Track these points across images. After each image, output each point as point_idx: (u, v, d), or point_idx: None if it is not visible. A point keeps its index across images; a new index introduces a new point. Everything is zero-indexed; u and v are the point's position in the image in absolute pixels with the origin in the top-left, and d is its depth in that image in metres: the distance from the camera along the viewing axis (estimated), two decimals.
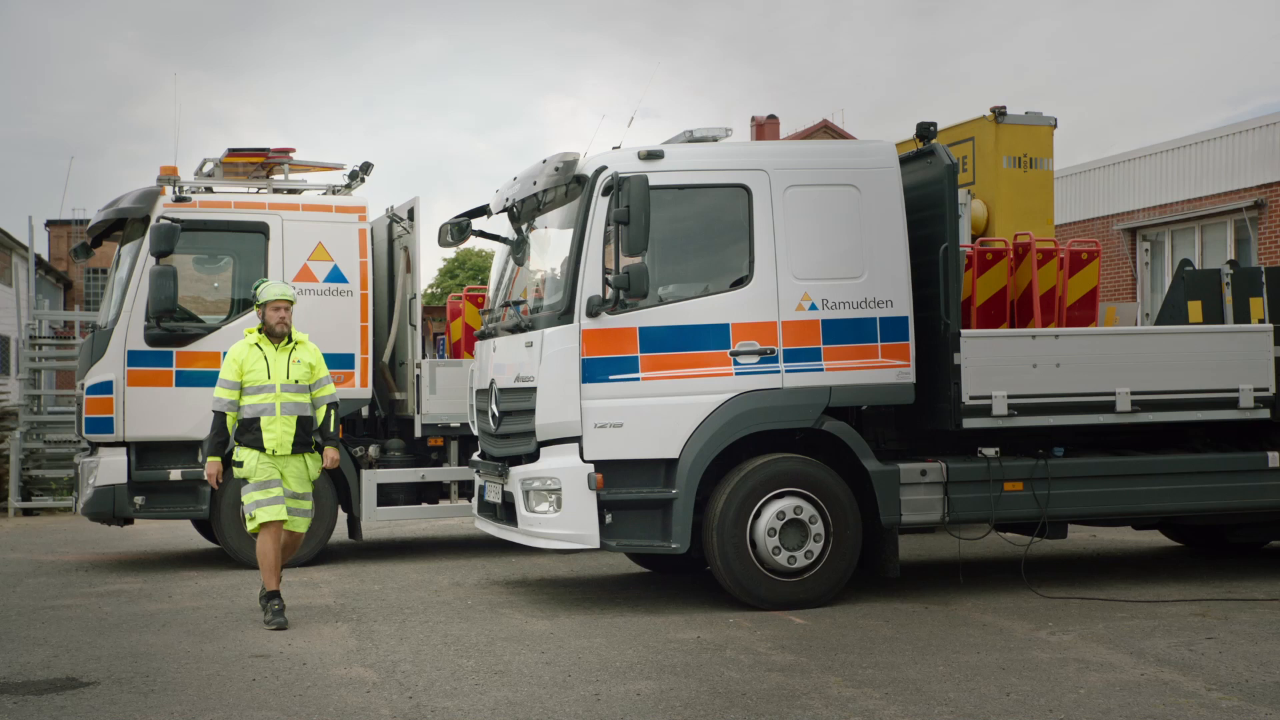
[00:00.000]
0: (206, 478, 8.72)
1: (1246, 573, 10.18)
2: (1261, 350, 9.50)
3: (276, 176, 12.10)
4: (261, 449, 8.49)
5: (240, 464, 8.54)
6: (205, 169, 12.06)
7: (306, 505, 8.77)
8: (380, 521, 11.98)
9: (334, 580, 10.55)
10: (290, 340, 8.74)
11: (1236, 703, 6.12)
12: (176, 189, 11.43)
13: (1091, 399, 9.19)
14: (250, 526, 8.58)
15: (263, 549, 8.54)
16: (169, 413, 11.13)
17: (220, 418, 8.59)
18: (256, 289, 8.85)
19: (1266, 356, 9.49)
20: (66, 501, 16.71)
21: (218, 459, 8.62)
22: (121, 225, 11.94)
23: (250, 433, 8.53)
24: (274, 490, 8.49)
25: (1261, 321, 10.16)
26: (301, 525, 8.78)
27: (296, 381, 8.63)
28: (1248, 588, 9.44)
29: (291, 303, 8.79)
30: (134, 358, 11.16)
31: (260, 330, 8.75)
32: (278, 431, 8.52)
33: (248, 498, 8.54)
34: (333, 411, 8.85)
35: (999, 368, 9.03)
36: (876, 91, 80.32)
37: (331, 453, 8.83)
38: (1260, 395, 9.43)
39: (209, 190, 11.80)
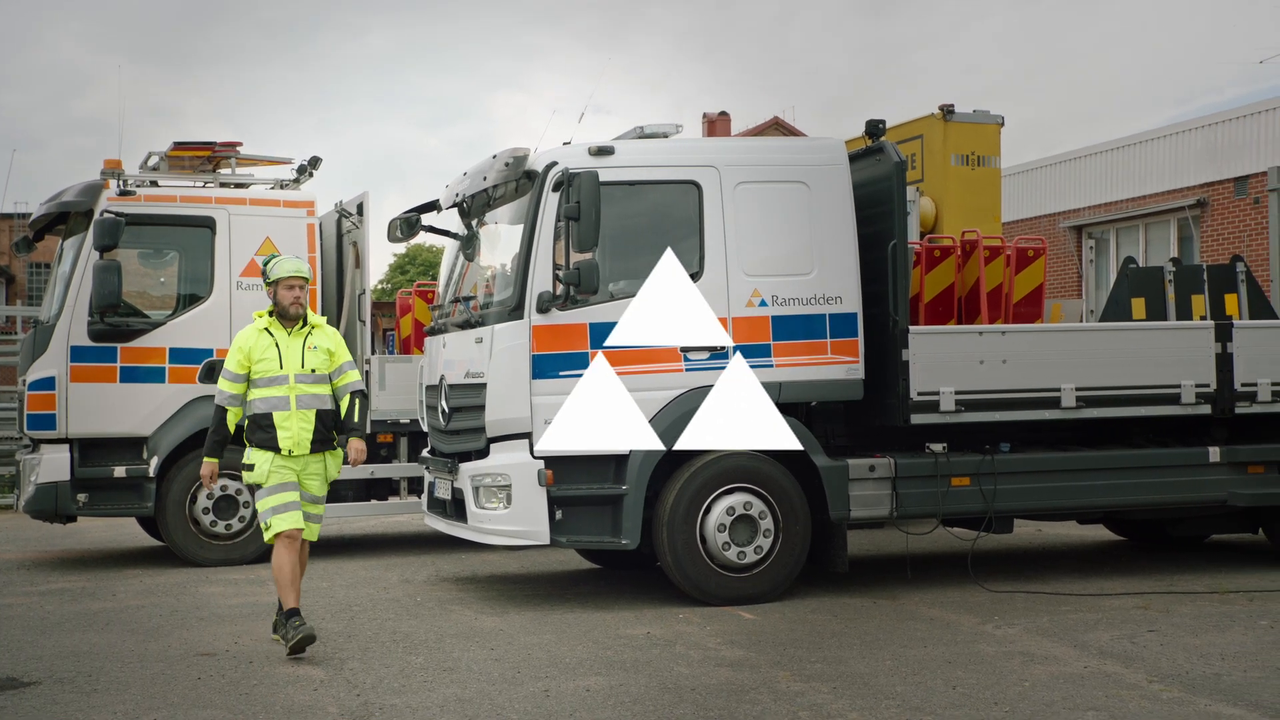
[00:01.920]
0: (202, 480, 7.68)
1: (1187, 566, 10.34)
2: (1203, 347, 9.65)
3: (223, 170, 11.97)
4: (276, 449, 7.39)
5: (251, 467, 7.44)
6: (150, 162, 11.92)
7: (321, 510, 7.72)
8: (328, 518, 11.87)
9: None
10: (305, 324, 7.61)
11: (1177, 694, 6.22)
12: (121, 182, 11.29)
13: (1037, 395, 9.29)
14: (266, 537, 7.48)
15: (278, 562, 7.41)
16: (113, 409, 11.00)
17: (221, 413, 7.56)
18: (267, 265, 7.70)
19: (1207, 353, 9.63)
20: (8, 499, 16.45)
21: (215, 460, 7.61)
22: (64, 219, 11.77)
23: (262, 431, 7.42)
24: (290, 495, 7.41)
25: (1203, 318, 10.33)
26: (314, 532, 7.67)
27: (314, 371, 7.49)
28: (1188, 581, 9.59)
29: (307, 280, 7.65)
30: (77, 353, 11.01)
31: (270, 313, 7.63)
32: (294, 429, 7.42)
33: (261, 505, 7.44)
34: (358, 401, 7.65)
35: (947, 364, 9.11)
36: (828, 89, 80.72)
37: (356, 444, 7.57)
38: (1201, 391, 9.58)
39: (154, 184, 11.66)
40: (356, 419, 7.59)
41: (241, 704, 6.27)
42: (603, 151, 8.74)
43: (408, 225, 9.94)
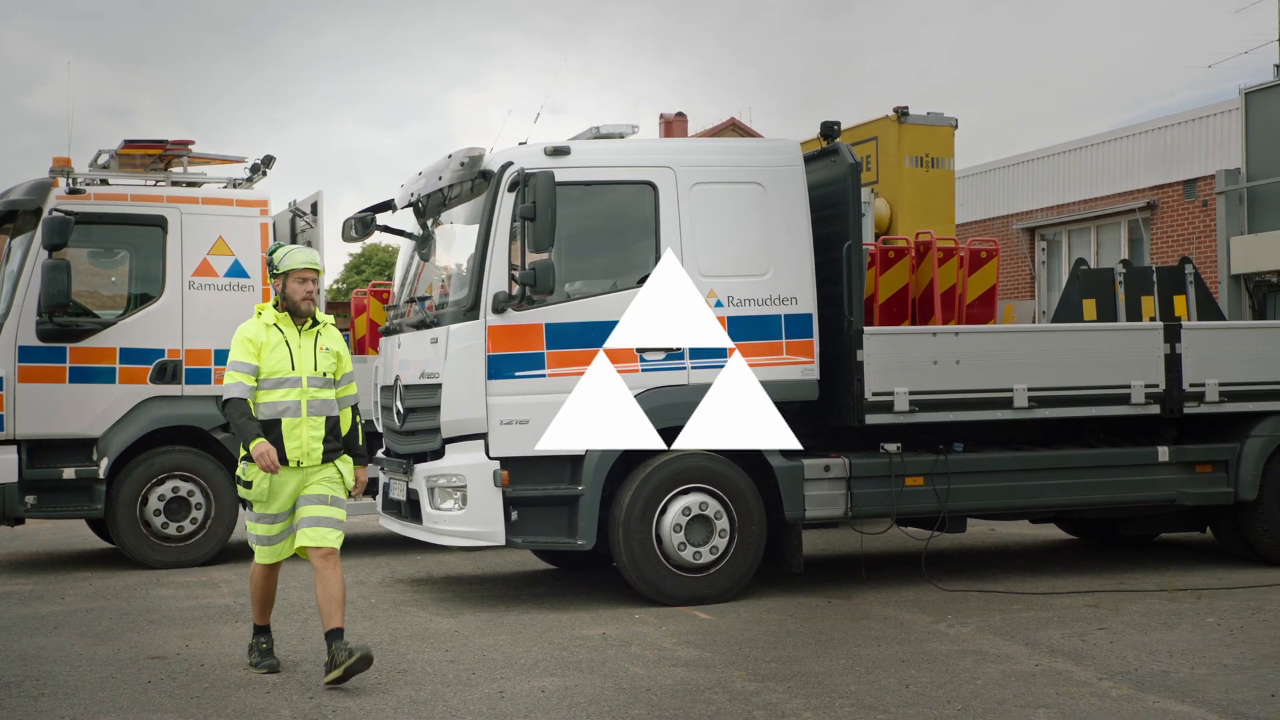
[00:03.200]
0: (266, 466, 6.59)
1: (1137, 564, 10.47)
2: (1152, 347, 9.77)
3: (175, 169, 11.85)
4: (284, 461, 6.65)
5: (249, 485, 6.72)
6: (101, 161, 11.78)
7: (338, 514, 6.80)
8: None
9: (235, 580, 10.37)
10: (315, 323, 6.89)
11: (1126, 691, 6.30)
12: (70, 181, 11.15)
13: (990, 395, 9.37)
14: (256, 555, 6.95)
15: (258, 580, 6.95)
16: (62, 410, 10.86)
17: (242, 402, 6.65)
18: (274, 255, 6.90)
19: (1157, 353, 9.76)
20: None
21: (264, 440, 6.59)
22: (12, 218, 11.59)
23: (267, 439, 6.66)
24: (276, 528, 6.78)
25: (1152, 319, 10.46)
26: (334, 539, 6.73)
27: (324, 374, 6.78)
28: (1138, 579, 9.71)
29: (319, 273, 6.92)
30: (25, 353, 10.85)
31: (277, 307, 6.83)
32: (304, 438, 6.66)
33: (251, 527, 6.87)
34: (357, 416, 7.00)
35: (901, 364, 9.18)
36: (785, 90, 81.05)
37: (361, 474, 6.97)
38: (1151, 391, 9.70)
39: (104, 182, 11.53)
40: (360, 441, 6.99)
41: (193, 707, 6.21)
42: (559, 152, 8.73)
43: (362, 225, 9.88)
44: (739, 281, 8.98)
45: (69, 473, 10.90)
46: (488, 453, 8.51)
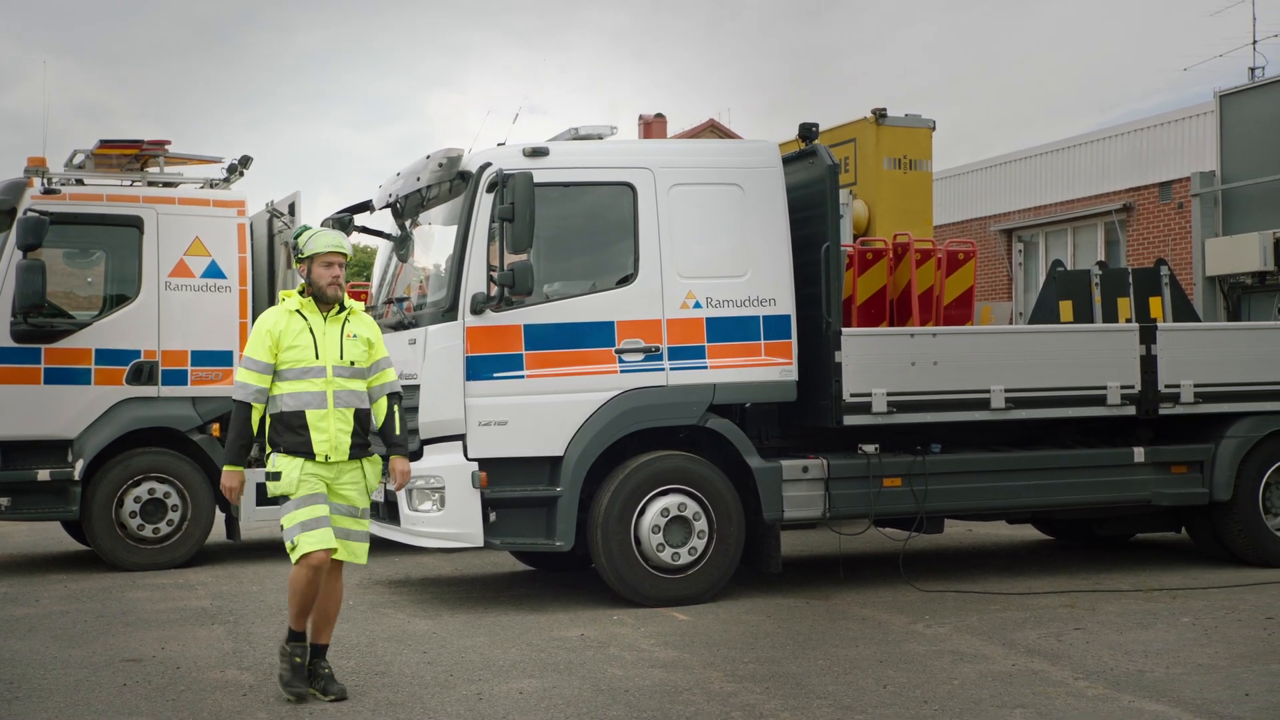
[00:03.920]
0: (225, 492, 6.43)
1: (1113, 565, 10.52)
2: (1128, 349, 9.82)
3: (151, 169, 11.79)
4: (310, 455, 6.22)
5: (277, 476, 6.26)
6: (76, 160, 11.71)
7: (366, 525, 6.52)
8: (259, 521, 11.71)
9: (211, 582, 10.33)
10: (342, 308, 6.48)
11: (1102, 691, 6.33)
12: (45, 180, 11.10)
13: (967, 396, 9.40)
14: (293, 557, 6.27)
15: (299, 585, 6.24)
16: (37, 411, 10.79)
17: (243, 411, 6.31)
18: (299, 238, 6.54)
19: (1133, 355, 9.81)
20: None
21: (239, 469, 6.39)
22: None
23: (291, 433, 6.24)
24: (320, 509, 6.23)
25: (1128, 321, 10.51)
26: (363, 553, 6.48)
27: (353, 363, 6.37)
28: (1114, 579, 9.76)
29: (347, 257, 6.51)
30: (0, 354, 10.78)
31: (302, 293, 6.46)
32: (331, 431, 6.25)
33: (287, 520, 6.25)
34: (396, 406, 6.57)
35: (879, 366, 9.19)
36: (763, 91, 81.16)
37: (402, 464, 6.56)
38: (1127, 392, 9.75)
39: (80, 182, 11.47)
40: (398, 430, 6.53)
41: (168, 711, 6.18)
42: (537, 152, 8.72)
43: (340, 225, 9.84)
44: (717, 283, 8.99)
45: (44, 474, 10.82)
46: (466, 454, 8.49)
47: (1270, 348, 10.25)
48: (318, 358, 6.29)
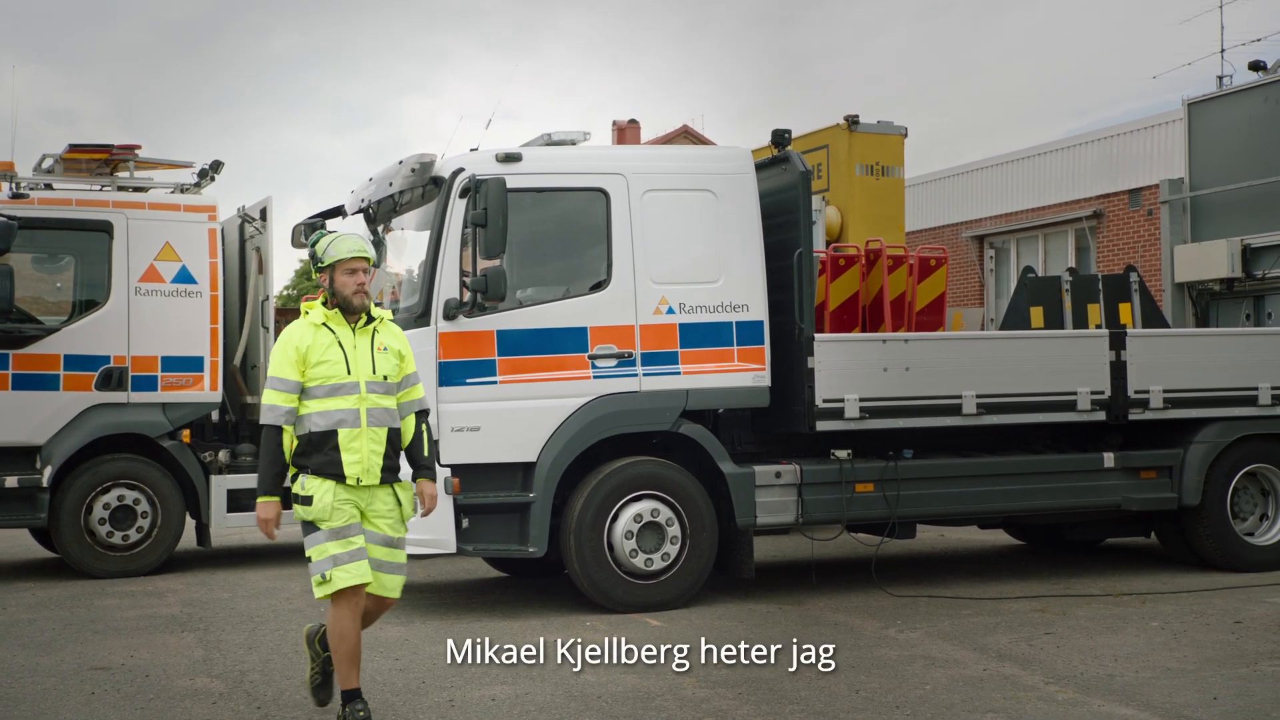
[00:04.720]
0: (260, 525, 5.87)
1: (1083, 569, 10.58)
2: (1098, 355, 9.88)
3: (121, 174, 11.71)
4: (340, 478, 5.72)
5: (309, 500, 5.71)
6: (45, 165, 11.61)
7: (401, 557, 5.99)
8: (230, 528, 11.69)
9: (181, 589, 10.26)
10: (369, 319, 5.99)
11: (1072, 695, 6.36)
12: (14, 185, 11.02)
13: (939, 402, 9.44)
14: (320, 592, 5.74)
15: (339, 628, 5.74)
16: (5, 418, 10.70)
17: (274, 435, 5.77)
18: (316, 246, 5.96)
19: (1102, 361, 9.87)
20: None
21: (274, 499, 5.81)
22: None
23: (321, 454, 5.71)
24: (355, 541, 5.72)
25: (1098, 327, 10.59)
26: (396, 587, 5.99)
27: (385, 378, 5.86)
28: (1084, 584, 9.82)
29: (370, 261, 5.96)
30: None
31: (326, 304, 5.93)
32: (363, 451, 5.75)
33: (318, 551, 5.71)
34: (425, 424, 6.07)
35: (851, 371, 9.22)
36: (736, 98, 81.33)
37: (429, 488, 6.06)
38: (1096, 398, 9.81)
39: (49, 187, 11.40)
40: (426, 452, 6.05)
41: (136, 719, 6.13)
42: (510, 158, 8.72)
43: (311, 230, 9.78)
44: (690, 289, 8.99)
45: (11, 481, 10.72)
46: (438, 460, 8.46)
47: (1238, 354, 10.34)
48: (349, 373, 5.78)
